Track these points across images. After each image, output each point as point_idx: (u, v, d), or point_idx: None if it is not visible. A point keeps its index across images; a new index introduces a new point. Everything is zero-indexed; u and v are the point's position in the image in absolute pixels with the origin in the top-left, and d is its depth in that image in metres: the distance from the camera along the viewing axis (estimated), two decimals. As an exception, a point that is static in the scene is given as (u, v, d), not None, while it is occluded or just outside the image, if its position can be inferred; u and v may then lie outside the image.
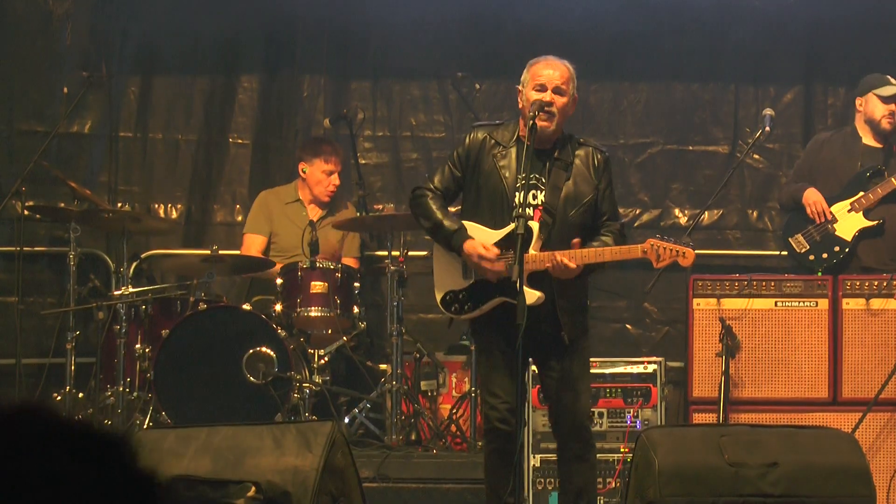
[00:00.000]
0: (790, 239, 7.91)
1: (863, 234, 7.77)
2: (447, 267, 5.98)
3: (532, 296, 5.69)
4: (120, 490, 1.51)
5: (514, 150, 5.87)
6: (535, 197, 5.83)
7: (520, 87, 5.95)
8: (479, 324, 6.01)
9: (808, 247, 7.83)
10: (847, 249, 7.76)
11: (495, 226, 5.84)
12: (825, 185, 7.89)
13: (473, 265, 5.85)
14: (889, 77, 7.93)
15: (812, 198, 7.83)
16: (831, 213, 7.79)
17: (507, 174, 5.84)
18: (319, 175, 8.33)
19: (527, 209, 5.77)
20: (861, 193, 7.78)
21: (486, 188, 5.88)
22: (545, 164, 5.86)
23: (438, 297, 6.02)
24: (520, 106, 5.93)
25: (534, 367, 6.28)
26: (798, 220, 7.91)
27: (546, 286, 5.77)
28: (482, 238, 5.85)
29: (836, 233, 7.79)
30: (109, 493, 1.50)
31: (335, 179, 8.33)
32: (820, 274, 7.63)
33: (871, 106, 7.90)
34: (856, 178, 7.83)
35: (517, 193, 5.80)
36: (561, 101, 5.85)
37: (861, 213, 7.78)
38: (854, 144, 7.96)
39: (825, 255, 7.78)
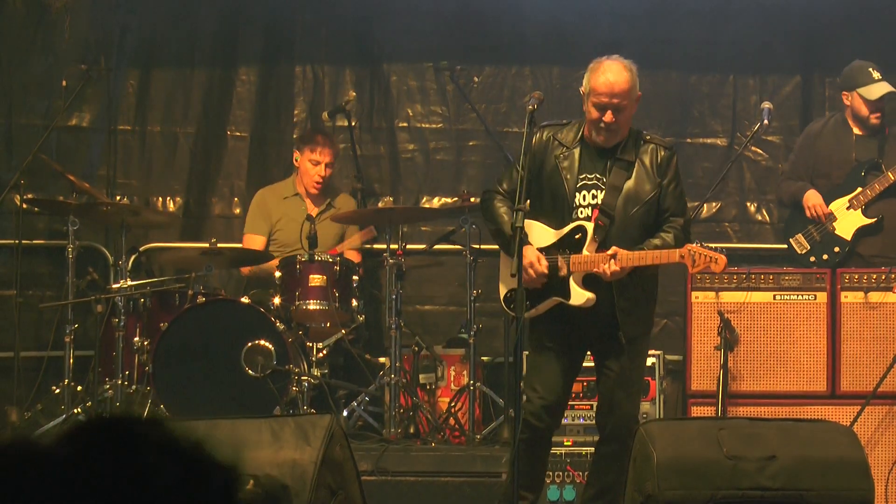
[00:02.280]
0: (791, 240, 7.90)
1: (861, 232, 7.76)
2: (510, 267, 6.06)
3: (582, 296, 5.83)
4: None
5: (576, 152, 5.91)
6: (594, 197, 5.88)
7: (582, 90, 5.96)
8: (536, 320, 6.07)
9: (809, 247, 7.82)
10: (847, 249, 7.76)
11: (556, 226, 5.91)
12: (822, 181, 7.88)
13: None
14: (871, 69, 7.87)
15: (811, 200, 7.81)
16: (831, 212, 7.78)
17: (568, 175, 5.89)
18: (307, 164, 8.32)
19: (583, 210, 5.87)
20: (859, 190, 7.77)
21: (549, 188, 5.93)
22: (606, 163, 5.90)
23: (502, 294, 6.12)
24: (583, 109, 5.96)
25: (590, 363, 6.30)
26: (798, 219, 7.90)
27: (604, 287, 5.83)
28: (541, 237, 5.95)
29: (836, 232, 7.78)
30: None
31: (321, 171, 8.30)
32: None
33: (858, 104, 7.88)
34: (853, 174, 7.82)
35: (577, 194, 5.88)
36: (622, 117, 5.85)
37: (859, 210, 7.77)
38: (846, 136, 7.94)
39: (825, 257, 7.78)
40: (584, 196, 5.87)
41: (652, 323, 6.16)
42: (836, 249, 7.78)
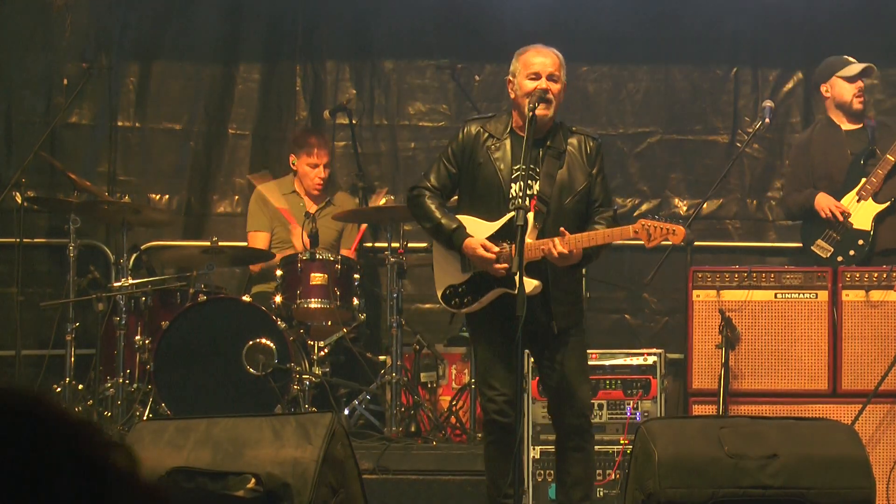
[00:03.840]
0: (812, 248, 7.86)
1: (879, 217, 7.75)
2: (446, 262, 6.00)
3: (529, 284, 5.70)
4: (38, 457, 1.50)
5: (508, 142, 5.90)
6: (529, 187, 5.83)
7: (510, 78, 5.98)
8: (476, 315, 6.02)
9: (833, 249, 7.79)
10: (870, 239, 7.74)
11: (491, 218, 5.86)
12: (825, 184, 7.87)
13: (475, 261, 5.86)
14: (847, 57, 7.91)
15: (823, 202, 7.78)
16: (845, 208, 7.76)
17: (501, 166, 5.85)
18: (305, 168, 8.33)
19: (518, 200, 5.78)
20: (864, 180, 7.75)
21: (482, 181, 5.89)
22: (539, 152, 5.88)
23: (439, 292, 6.04)
24: (511, 96, 5.95)
25: (532, 360, 6.28)
26: (814, 226, 7.86)
27: (542, 275, 5.79)
28: (478, 231, 5.87)
29: (855, 226, 7.77)
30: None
31: (320, 172, 8.32)
32: None
33: (838, 89, 7.90)
34: (853, 167, 7.82)
35: (513, 184, 5.82)
36: (556, 87, 5.87)
37: (871, 199, 7.75)
38: (835, 134, 7.94)
39: (852, 253, 7.75)
40: (520, 186, 5.81)
41: (582, 314, 6.07)
42: (861, 242, 7.76)
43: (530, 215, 5.77)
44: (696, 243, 7.81)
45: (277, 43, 9.16)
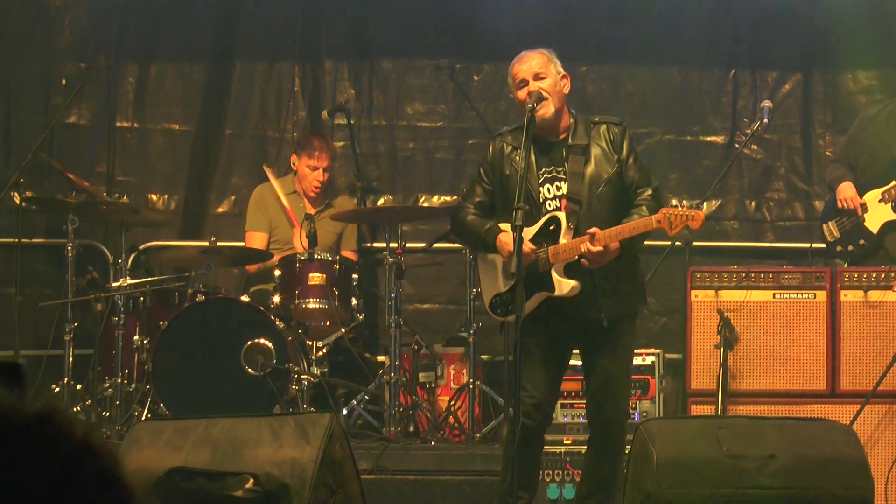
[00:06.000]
0: (824, 225, 7.87)
1: (888, 226, 7.73)
2: (489, 273, 6.11)
3: (567, 285, 5.81)
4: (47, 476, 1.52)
5: (530, 149, 5.93)
6: (558, 188, 5.88)
7: (511, 95, 6.09)
8: (522, 320, 6.05)
9: (839, 236, 7.80)
10: (872, 243, 7.74)
11: (527, 224, 5.89)
12: (865, 168, 7.82)
13: (507, 257, 5.88)
14: None
15: (844, 193, 7.76)
16: (864, 203, 7.73)
17: (528, 174, 5.88)
18: (305, 170, 8.33)
19: (550, 203, 5.86)
20: (893, 184, 7.71)
21: (512, 191, 5.92)
22: (562, 153, 5.91)
23: (486, 303, 6.13)
24: (519, 110, 6.00)
25: (577, 362, 6.27)
26: (836, 206, 7.86)
27: (585, 273, 5.81)
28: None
29: (866, 224, 7.76)
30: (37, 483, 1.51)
31: (319, 175, 8.31)
32: (846, 265, 7.61)
33: None
34: (891, 166, 7.75)
35: (541, 188, 5.90)
36: (546, 84, 5.89)
37: (890, 204, 7.72)
38: (894, 126, 7.87)
39: (851, 248, 7.76)
40: (549, 189, 5.88)
41: (636, 307, 6.10)
42: (862, 242, 7.76)
43: (562, 216, 5.82)
44: (694, 244, 7.82)
45: (276, 43, 9.15)
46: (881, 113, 7.97)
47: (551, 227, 5.84)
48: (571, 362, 6.19)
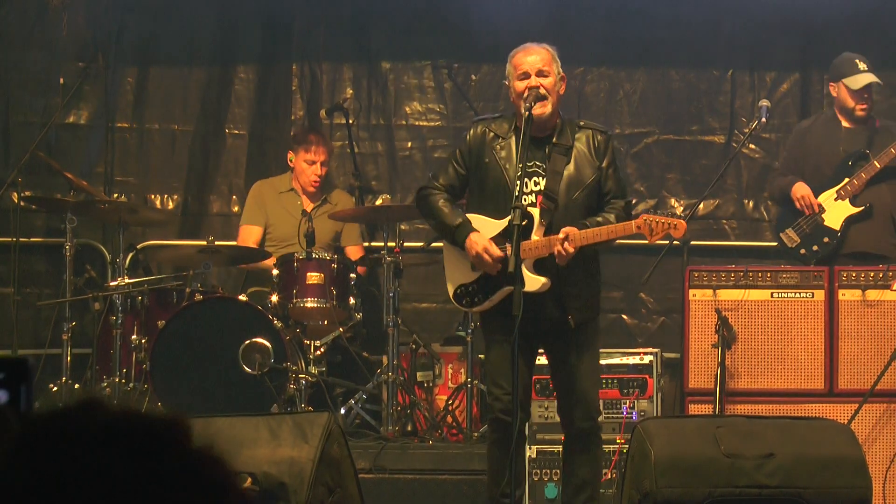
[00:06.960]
0: (781, 234, 7.92)
1: (850, 220, 7.77)
2: (456, 261, 6.05)
3: (537, 282, 5.78)
4: (177, 478, 1.55)
5: (512, 140, 5.92)
6: (536, 184, 5.87)
7: (506, 82, 6.02)
8: (487, 314, 6.06)
9: (799, 240, 7.84)
10: (836, 239, 7.76)
11: (499, 217, 5.88)
12: (813, 175, 7.88)
13: (473, 259, 5.88)
14: (858, 60, 7.86)
15: (800, 192, 7.82)
16: (819, 204, 7.79)
17: (507, 165, 5.88)
18: (302, 164, 8.34)
19: (527, 197, 5.82)
20: (846, 180, 7.77)
21: (489, 180, 5.93)
22: (545, 150, 5.91)
23: (451, 291, 6.11)
24: (511, 98, 5.98)
25: (544, 360, 6.27)
26: (788, 214, 7.92)
27: (552, 271, 5.80)
28: (484, 229, 5.91)
29: (826, 223, 7.79)
30: (166, 483, 1.54)
31: (317, 170, 8.32)
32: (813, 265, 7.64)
33: (843, 95, 7.88)
34: (841, 166, 7.83)
35: (517, 183, 5.83)
36: (547, 82, 5.88)
37: (847, 200, 7.77)
38: (835, 129, 7.93)
39: (815, 248, 7.79)
40: (526, 183, 5.85)
41: (599, 307, 6.09)
42: (826, 240, 7.78)
43: (536, 212, 5.81)
44: (692, 243, 7.83)
45: (274, 43, 9.16)
46: (816, 122, 8.12)
47: (524, 222, 5.79)
48: (539, 362, 6.20)
